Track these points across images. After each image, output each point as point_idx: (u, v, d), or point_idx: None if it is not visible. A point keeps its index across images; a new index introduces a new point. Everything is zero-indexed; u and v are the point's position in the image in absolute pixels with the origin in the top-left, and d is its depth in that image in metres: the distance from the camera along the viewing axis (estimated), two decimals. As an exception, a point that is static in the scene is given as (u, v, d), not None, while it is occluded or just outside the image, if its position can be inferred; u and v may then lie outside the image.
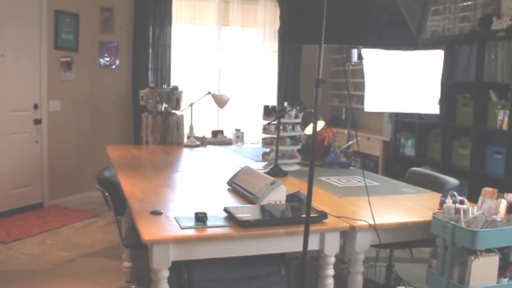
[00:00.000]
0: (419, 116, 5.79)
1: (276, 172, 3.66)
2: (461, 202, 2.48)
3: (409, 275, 4.12)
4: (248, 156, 4.56)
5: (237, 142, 5.53)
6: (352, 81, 7.10)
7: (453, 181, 3.44)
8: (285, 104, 4.15)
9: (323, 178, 3.64)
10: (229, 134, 5.71)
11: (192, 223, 2.36)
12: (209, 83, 7.03)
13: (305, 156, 4.21)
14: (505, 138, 4.75)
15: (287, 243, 2.40)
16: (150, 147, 4.94)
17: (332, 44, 2.15)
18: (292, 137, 4.05)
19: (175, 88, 5.28)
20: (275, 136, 3.81)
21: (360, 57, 5.09)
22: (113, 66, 6.69)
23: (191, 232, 2.26)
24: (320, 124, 3.87)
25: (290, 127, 4.02)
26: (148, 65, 6.71)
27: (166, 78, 6.82)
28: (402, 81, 5.28)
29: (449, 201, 2.50)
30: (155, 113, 5.11)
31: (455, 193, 2.54)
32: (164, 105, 5.16)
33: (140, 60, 6.69)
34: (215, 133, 5.56)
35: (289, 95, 7.26)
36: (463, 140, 5.33)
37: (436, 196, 3.08)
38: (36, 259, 4.36)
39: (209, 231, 2.29)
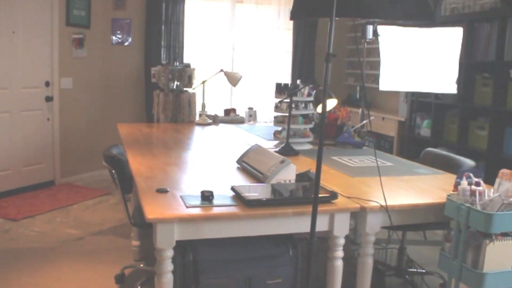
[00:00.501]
0: (436, 96, 5.66)
1: (287, 151, 3.59)
2: (477, 184, 2.39)
3: (421, 257, 4.05)
4: (260, 134, 4.48)
5: (249, 121, 5.46)
6: (368, 60, 6.97)
7: (469, 162, 3.35)
8: (298, 81, 4.06)
9: (335, 158, 3.56)
10: (241, 112, 5.64)
11: (198, 201, 2.30)
12: (222, 60, 6.95)
13: (318, 135, 4.12)
14: (525, 119, 4.62)
15: (295, 223, 2.34)
16: (161, 125, 4.88)
17: (344, 17, 2.04)
18: (304, 116, 3.96)
19: (187, 65, 5.20)
20: (287, 114, 3.73)
21: (375, 34, 4.97)
22: (126, 43, 6.62)
23: (196, 211, 2.20)
24: (333, 102, 3.76)
25: (303, 105, 3.93)
26: (161, 42, 6.64)
27: (179, 56, 6.74)
28: (419, 59, 5.14)
29: (464, 182, 2.41)
30: (167, 91, 5.04)
31: (471, 174, 2.45)
32: (176, 82, 5.08)
33: (152, 37, 6.61)
34: (228, 112, 5.49)
35: (304, 74, 7.16)
36: (481, 121, 5.19)
37: (451, 178, 2.99)
38: (46, 237, 4.36)
39: (215, 210, 2.23)
